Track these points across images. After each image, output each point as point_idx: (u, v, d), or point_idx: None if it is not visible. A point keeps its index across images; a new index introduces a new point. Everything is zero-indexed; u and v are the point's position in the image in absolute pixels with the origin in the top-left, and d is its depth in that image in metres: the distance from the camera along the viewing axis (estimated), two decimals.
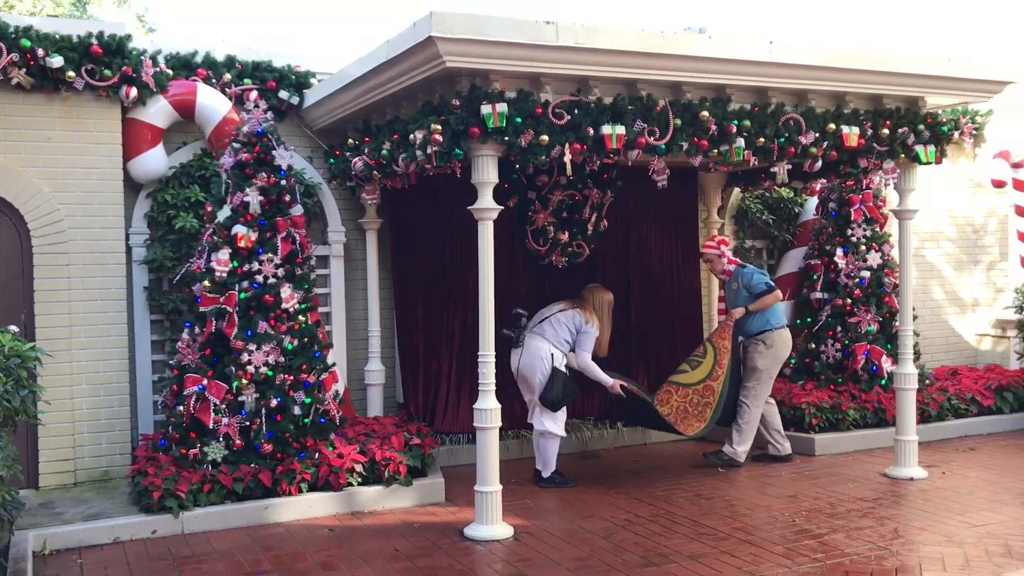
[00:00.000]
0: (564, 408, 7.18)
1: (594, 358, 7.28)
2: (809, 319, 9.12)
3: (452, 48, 5.32)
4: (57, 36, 6.70)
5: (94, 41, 6.78)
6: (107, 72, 6.80)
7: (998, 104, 10.35)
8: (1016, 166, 10.44)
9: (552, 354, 7.08)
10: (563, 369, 7.11)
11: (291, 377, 6.40)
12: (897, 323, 7.64)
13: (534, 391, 7.09)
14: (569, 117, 5.85)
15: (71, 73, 6.70)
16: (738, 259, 8.01)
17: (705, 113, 6.21)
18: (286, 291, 6.44)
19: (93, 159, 6.96)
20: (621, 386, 7.28)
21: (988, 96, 7.35)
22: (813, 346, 8.98)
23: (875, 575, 5.11)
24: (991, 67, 7.08)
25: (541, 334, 7.14)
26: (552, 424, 7.11)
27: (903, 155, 7.14)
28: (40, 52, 6.59)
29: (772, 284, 7.73)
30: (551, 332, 7.16)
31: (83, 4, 23.05)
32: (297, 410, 6.41)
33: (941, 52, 6.95)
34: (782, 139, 6.57)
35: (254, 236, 6.43)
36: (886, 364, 8.57)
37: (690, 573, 5.20)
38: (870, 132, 6.92)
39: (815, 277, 9.11)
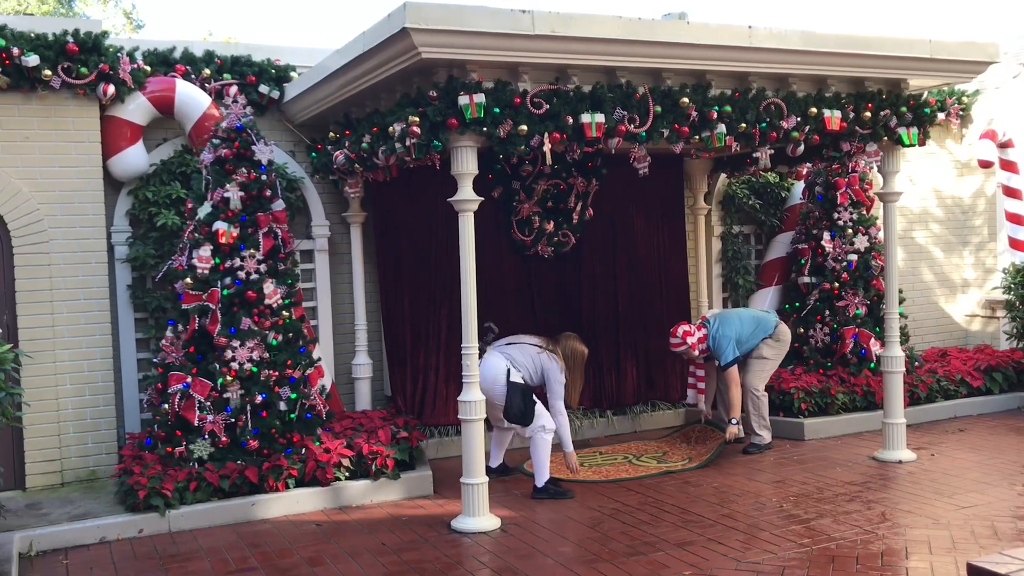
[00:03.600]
0: (540, 408, 6.81)
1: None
2: (797, 303, 9.10)
3: (427, 39, 5.28)
4: (32, 34, 6.64)
5: (70, 39, 6.71)
6: (83, 70, 6.74)
7: (984, 84, 10.34)
8: (1003, 146, 10.41)
9: (508, 369, 6.72)
10: (519, 382, 6.74)
11: (276, 373, 6.38)
12: (884, 306, 7.63)
13: (496, 407, 6.75)
14: (548, 106, 5.81)
15: (47, 72, 6.64)
16: (703, 325, 7.81)
17: (685, 99, 6.18)
18: (269, 287, 6.41)
19: (72, 157, 6.91)
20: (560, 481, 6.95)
21: (971, 76, 7.31)
22: (802, 330, 8.96)
23: (861, 559, 5.11)
24: (973, 47, 7.04)
25: (502, 352, 6.85)
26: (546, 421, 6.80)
27: (886, 138, 7.11)
28: (15, 51, 6.52)
29: (730, 360, 7.64)
30: (513, 353, 6.86)
31: (69, 2, 22.91)
32: (283, 406, 6.39)
33: (923, 33, 6.90)
34: (763, 124, 6.54)
35: (235, 232, 6.40)
36: (874, 347, 8.56)
37: (676, 561, 5.19)
38: (852, 115, 6.89)
39: (803, 261, 9.09)
